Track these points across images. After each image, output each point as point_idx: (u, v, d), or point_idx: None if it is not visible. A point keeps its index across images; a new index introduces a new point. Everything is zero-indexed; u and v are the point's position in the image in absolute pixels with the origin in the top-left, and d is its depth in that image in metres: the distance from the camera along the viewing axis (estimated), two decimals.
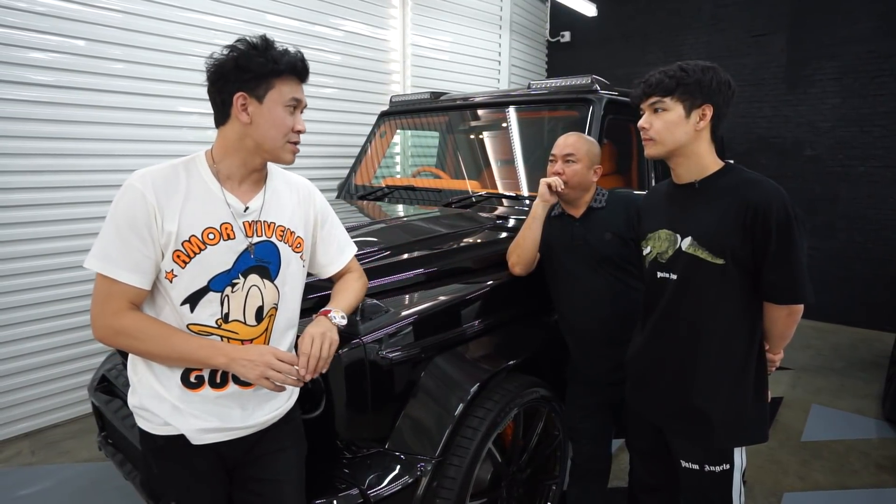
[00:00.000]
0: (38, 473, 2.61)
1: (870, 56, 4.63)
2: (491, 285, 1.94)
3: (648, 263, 1.49)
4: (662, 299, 1.43)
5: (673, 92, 1.34)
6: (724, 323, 1.36)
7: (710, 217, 1.34)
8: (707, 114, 1.34)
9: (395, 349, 1.58)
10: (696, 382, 1.39)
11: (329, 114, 4.19)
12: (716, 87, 1.34)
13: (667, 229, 1.43)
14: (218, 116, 1.18)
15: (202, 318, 1.15)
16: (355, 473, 1.51)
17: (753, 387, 1.39)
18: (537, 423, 1.94)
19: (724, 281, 1.33)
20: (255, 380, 1.13)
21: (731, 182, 1.35)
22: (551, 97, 2.67)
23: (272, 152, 1.19)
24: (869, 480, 2.59)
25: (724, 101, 1.36)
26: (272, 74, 1.14)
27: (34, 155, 2.82)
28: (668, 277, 1.42)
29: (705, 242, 1.34)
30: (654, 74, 1.38)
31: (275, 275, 1.23)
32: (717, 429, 1.38)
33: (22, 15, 2.69)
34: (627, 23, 6.01)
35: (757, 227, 1.27)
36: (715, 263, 1.33)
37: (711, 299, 1.35)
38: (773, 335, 1.41)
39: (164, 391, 1.17)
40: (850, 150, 4.82)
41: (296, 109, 1.19)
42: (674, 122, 1.35)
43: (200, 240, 1.13)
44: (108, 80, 3.00)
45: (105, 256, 1.10)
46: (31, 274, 2.87)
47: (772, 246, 1.27)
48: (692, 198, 1.40)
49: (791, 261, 1.27)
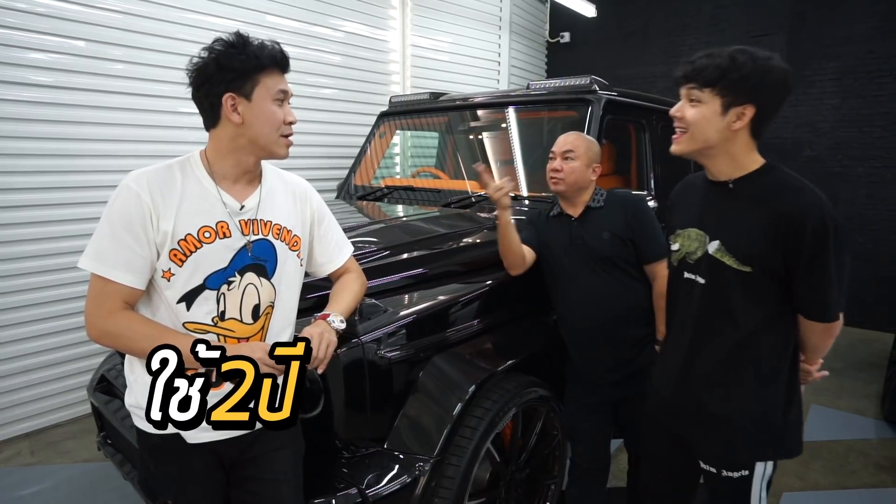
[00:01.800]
0: (37, 473, 2.61)
1: (869, 57, 4.63)
2: (489, 285, 1.94)
3: (677, 262, 1.40)
4: (689, 302, 1.36)
5: (714, 84, 1.19)
6: (751, 330, 1.27)
7: (740, 222, 1.24)
8: (747, 114, 1.19)
9: (393, 349, 1.58)
10: (721, 390, 1.31)
11: (329, 114, 4.20)
12: (765, 88, 1.18)
13: (697, 229, 1.34)
14: (208, 120, 1.18)
15: (198, 317, 1.15)
16: (354, 473, 1.51)
17: (784, 399, 1.29)
18: (536, 422, 1.94)
19: (752, 289, 1.24)
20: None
21: (768, 186, 1.22)
22: (550, 97, 2.67)
23: (266, 148, 1.19)
24: (868, 480, 2.59)
25: (772, 103, 1.20)
26: (256, 70, 1.13)
27: (34, 156, 2.82)
28: (695, 280, 1.33)
29: (732, 249, 1.25)
30: (700, 57, 1.21)
31: (271, 273, 1.23)
32: (741, 439, 1.31)
33: (22, 16, 2.69)
34: (627, 23, 6.01)
35: (788, 239, 1.17)
36: (741, 271, 1.24)
37: (738, 306, 1.26)
38: (808, 347, 1.33)
39: None
40: (850, 150, 4.82)
41: (283, 101, 1.19)
42: (705, 117, 1.21)
43: (196, 238, 1.13)
44: (108, 80, 3.01)
45: (99, 256, 1.10)
46: (30, 274, 2.88)
47: (803, 260, 1.16)
48: (725, 198, 1.28)
49: (822, 277, 1.17)
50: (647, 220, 1.84)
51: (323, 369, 1.21)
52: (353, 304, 1.40)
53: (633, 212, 1.82)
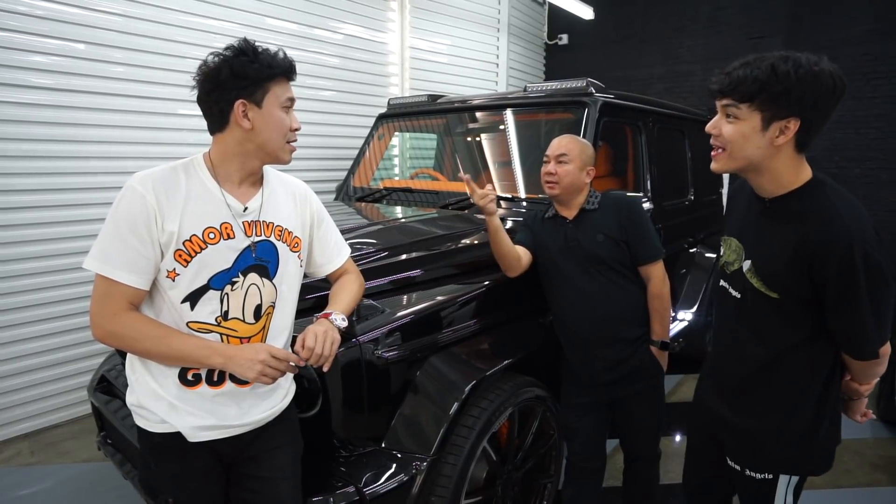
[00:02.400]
0: (37, 474, 2.63)
1: (865, 58, 4.66)
2: (486, 286, 1.96)
3: (719, 266, 1.38)
4: (724, 311, 1.35)
5: (753, 98, 1.09)
6: (781, 351, 1.22)
7: (771, 245, 1.18)
8: (791, 128, 1.09)
9: (390, 349, 1.60)
10: (746, 402, 1.30)
11: (328, 116, 4.22)
12: (810, 100, 1.06)
13: (738, 240, 1.29)
14: (215, 124, 1.20)
15: (202, 316, 1.17)
16: (351, 471, 1.53)
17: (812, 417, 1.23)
18: (532, 422, 1.96)
19: (783, 313, 1.19)
20: (254, 378, 1.15)
21: (805, 208, 1.13)
22: (547, 100, 2.69)
23: (273, 154, 1.22)
24: (863, 479, 2.61)
25: (820, 115, 1.09)
26: (268, 78, 1.16)
27: (36, 157, 2.84)
28: (730, 292, 1.31)
29: (761, 272, 1.20)
30: (738, 68, 1.11)
31: (273, 273, 1.25)
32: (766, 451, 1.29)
33: (22, 19, 2.71)
34: (625, 25, 6.04)
35: (814, 270, 1.10)
36: (769, 296, 1.19)
37: (768, 328, 1.22)
38: (854, 373, 1.26)
39: (161, 389, 1.19)
40: (846, 152, 4.85)
41: (290, 109, 1.23)
42: (744, 135, 1.12)
43: (201, 239, 1.15)
44: (109, 83, 3.03)
45: (104, 257, 1.12)
46: (30, 276, 2.89)
47: (831, 293, 1.10)
48: (762, 216, 1.22)
49: (854, 314, 1.09)
50: (642, 222, 1.86)
51: (328, 367, 1.23)
52: (352, 303, 1.43)
53: (628, 214, 1.84)
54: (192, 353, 1.14)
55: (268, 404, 1.28)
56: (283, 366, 1.17)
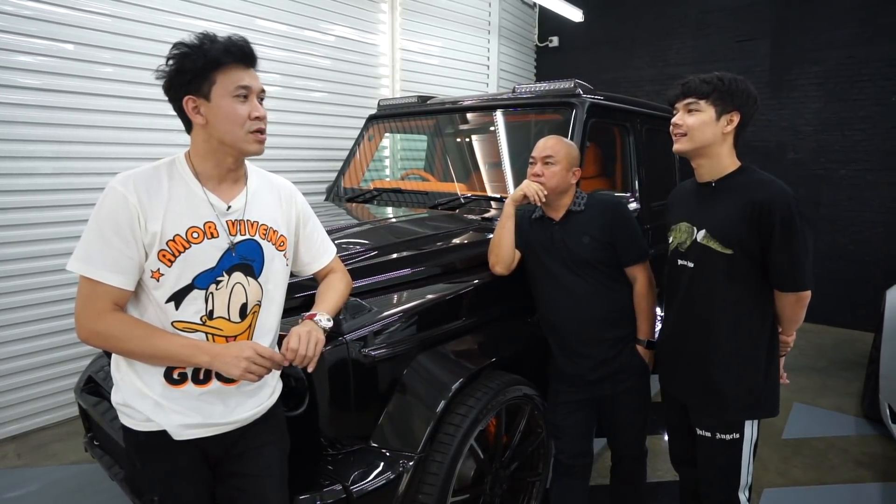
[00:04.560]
0: (24, 476, 2.61)
1: (850, 61, 4.73)
2: (474, 285, 1.97)
3: (671, 252, 1.66)
4: (682, 284, 1.61)
5: (708, 96, 1.50)
6: (735, 306, 1.51)
7: (722, 212, 1.51)
8: (735, 120, 1.50)
9: (377, 347, 1.61)
10: (712, 360, 1.55)
11: (319, 117, 4.22)
12: (745, 98, 1.50)
13: (686, 222, 1.61)
14: (184, 124, 1.20)
15: (187, 315, 1.17)
16: (339, 470, 1.54)
17: (765, 365, 1.54)
18: (520, 420, 1.97)
19: (734, 268, 1.49)
20: (239, 375, 1.15)
21: (744, 181, 1.51)
22: (535, 101, 2.71)
23: (235, 146, 1.18)
24: (847, 476, 2.64)
25: (749, 112, 1.52)
26: (209, 68, 1.12)
27: (27, 158, 2.83)
28: (686, 265, 1.59)
29: (716, 234, 1.51)
30: (693, 79, 1.53)
31: (258, 272, 1.25)
32: (730, 402, 1.55)
33: (8, 18, 2.70)
34: (615, 28, 6.09)
35: (763, 222, 1.42)
36: (724, 253, 1.49)
37: (722, 285, 1.51)
38: (784, 319, 1.55)
39: (147, 388, 1.19)
40: (832, 153, 4.91)
41: (248, 97, 1.16)
42: (705, 123, 1.51)
43: (185, 238, 1.15)
44: (97, 83, 3.02)
45: (87, 258, 1.12)
46: (17, 277, 2.88)
47: (775, 240, 1.42)
48: (710, 195, 1.56)
49: (792, 253, 1.42)
50: (628, 223, 1.88)
51: (312, 367, 1.23)
52: (339, 303, 1.43)
53: (613, 215, 1.86)
54: (178, 353, 1.14)
55: (254, 402, 1.29)
56: (269, 363, 1.17)
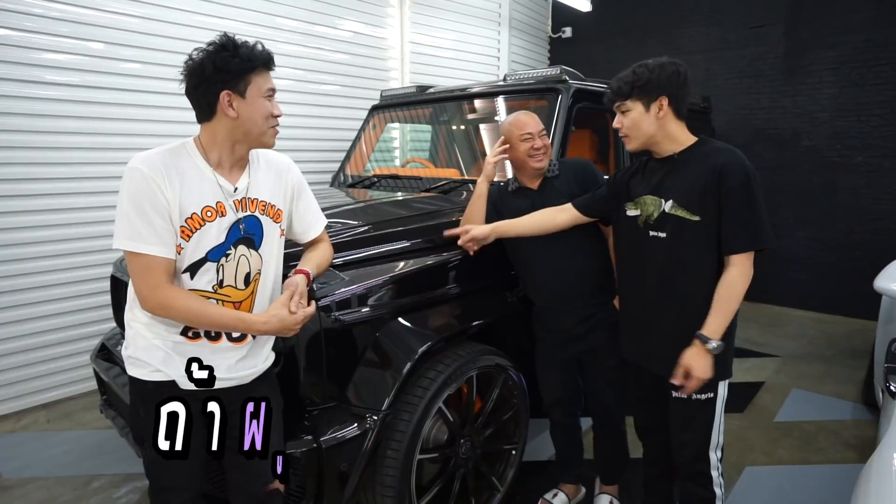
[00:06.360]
0: (52, 439, 2.86)
1: (867, 45, 4.61)
2: (445, 258, 2.08)
3: (642, 224, 1.68)
4: (658, 256, 1.65)
5: (629, 95, 1.59)
6: (706, 271, 1.57)
7: (685, 182, 1.58)
8: (664, 103, 1.57)
9: (349, 312, 1.74)
10: (692, 325, 1.57)
11: (329, 109, 4.39)
12: (665, 80, 1.56)
13: (652, 195, 1.66)
14: (203, 114, 1.34)
15: (201, 284, 1.32)
16: (314, 423, 1.68)
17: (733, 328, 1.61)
18: (493, 389, 2.08)
19: (703, 235, 1.55)
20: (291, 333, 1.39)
21: (702, 152, 1.59)
22: (522, 87, 2.80)
23: (258, 139, 1.36)
24: (833, 457, 2.64)
25: (677, 88, 1.58)
26: (249, 71, 1.30)
27: (64, 149, 3.12)
28: (658, 235, 1.65)
29: (682, 203, 1.58)
30: (614, 83, 1.63)
31: (259, 244, 1.41)
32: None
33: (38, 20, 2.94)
34: (627, 17, 6.06)
35: (722, 185, 1.50)
36: (692, 220, 1.56)
37: (694, 251, 1.58)
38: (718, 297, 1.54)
39: (160, 342, 1.34)
40: (848, 139, 4.80)
41: (272, 97, 1.36)
42: (637, 119, 1.60)
43: (201, 216, 1.30)
44: (123, 79, 3.27)
45: (131, 235, 1.23)
46: (48, 258, 3.14)
47: (735, 198, 1.49)
48: (673, 168, 1.63)
49: (752, 208, 1.49)
50: (597, 176, 2.03)
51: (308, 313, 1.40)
52: (321, 263, 1.56)
53: (583, 173, 2.02)
54: (232, 324, 1.32)
55: (253, 362, 1.43)
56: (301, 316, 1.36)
